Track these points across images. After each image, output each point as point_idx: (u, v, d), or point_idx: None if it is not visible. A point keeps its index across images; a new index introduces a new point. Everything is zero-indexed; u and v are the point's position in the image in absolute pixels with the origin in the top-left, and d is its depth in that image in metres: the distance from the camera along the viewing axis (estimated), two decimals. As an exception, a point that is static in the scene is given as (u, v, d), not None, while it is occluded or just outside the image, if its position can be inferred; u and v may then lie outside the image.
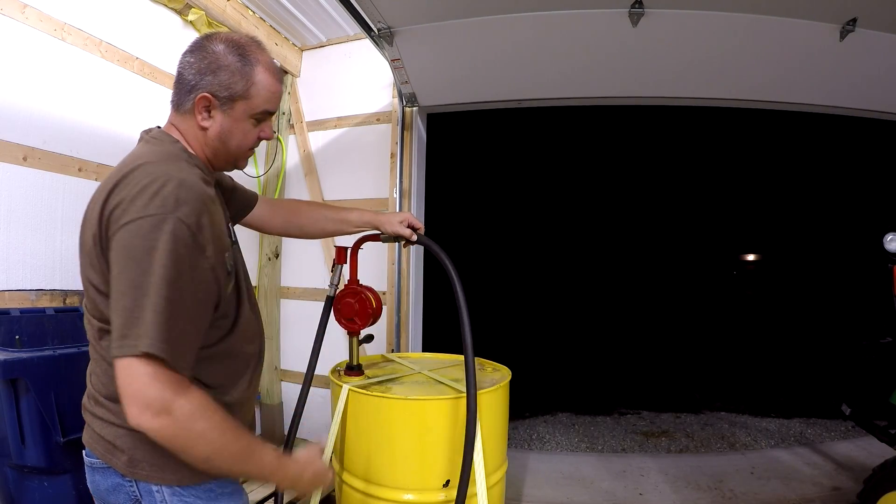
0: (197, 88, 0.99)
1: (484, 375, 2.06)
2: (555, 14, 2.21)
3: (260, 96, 1.03)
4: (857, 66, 2.44)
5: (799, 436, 3.86)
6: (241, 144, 1.07)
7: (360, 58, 3.37)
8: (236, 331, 1.04)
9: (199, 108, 1.00)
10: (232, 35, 1.04)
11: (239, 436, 0.91)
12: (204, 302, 0.91)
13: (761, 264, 11.06)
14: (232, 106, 1.01)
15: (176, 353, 0.83)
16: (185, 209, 0.86)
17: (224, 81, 0.99)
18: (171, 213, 0.84)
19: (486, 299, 8.81)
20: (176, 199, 0.86)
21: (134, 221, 0.84)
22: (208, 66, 0.99)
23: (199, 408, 0.85)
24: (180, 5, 2.68)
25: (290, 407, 3.46)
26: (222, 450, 0.88)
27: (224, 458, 0.89)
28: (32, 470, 1.59)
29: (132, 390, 0.81)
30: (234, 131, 1.04)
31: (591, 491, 2.89)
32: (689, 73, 2.64)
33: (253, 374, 1.12)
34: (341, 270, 1.95)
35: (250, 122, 1.05)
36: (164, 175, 0.88)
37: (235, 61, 1.00)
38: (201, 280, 0.89)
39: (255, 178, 3.47)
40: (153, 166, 0.91)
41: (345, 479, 1.80)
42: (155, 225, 0.83)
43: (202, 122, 1.01)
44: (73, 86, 2.23)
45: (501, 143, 8.95)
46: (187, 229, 0.85)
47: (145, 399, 0.81)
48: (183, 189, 0.87)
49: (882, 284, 2.21)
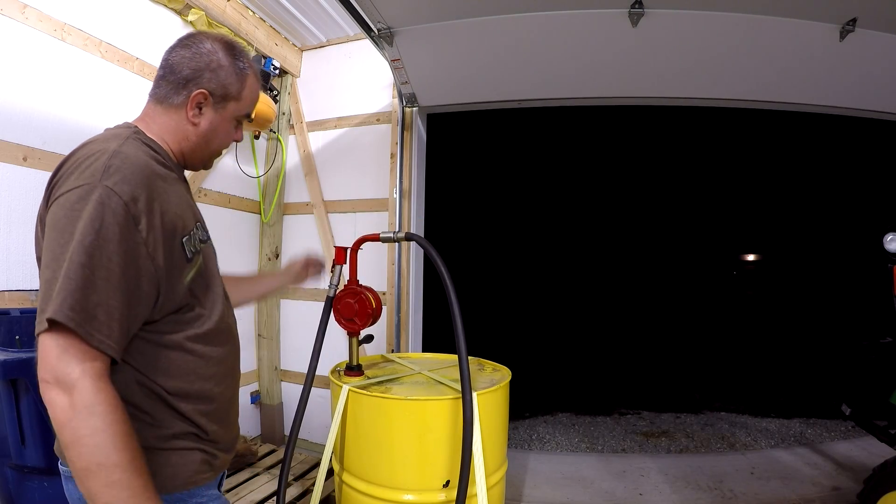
0: (194, 84, 0.99)
1: (484, 375, 2.06)
2: (555, 14, 2.21)
3: (248, 99, 1.07)
4: (857, 66, 2.44)
5: (799, 436, 3.86)
6: (221, 144, 1.08)
7: (360, 58, 3.38)
8: (207, 331, 0.98)
9: (194, 103, 1.00)
10: (220, 36, 1.06)
11: (136, 467, 0.77)
12: (135, 279, 0.83)
13: (761, 264, 11.05)
14: (224, 105, 1.03)
15: (90, 325, 0.76)
16: (115, 178, 0.81)
17: (222, 81, 1.01)
18: (99, 182, 0.80)
19: (487, 299, 8.81)
20: (105, 168, 0.82)
21: (63, 195, 0.81)
22: (207, 64, 0.99)
23: (103, 401, 0.76)
24: (180, 5, 2.68)
25: (291, 407, 3.47)
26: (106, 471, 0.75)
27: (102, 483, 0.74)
28: (32, 470, 1.59)
29: (44, 359, 0.76)
30: (219, 130, 1.05)
31: (591, 491, 2.89)
32: (689, 73, 2.64)
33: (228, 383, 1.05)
34: (341, 271, 1.95)
35: (233, 124, 1.08)
36: (101, 150, 0.86)
37: (233, 62, 1.02)
38: (133, 254, 0.82)
39: (255, 178, 3.47)
40: (94, 144, 0.89)
41: (345, 479, 1.80)
42: (81, 196, 0.79)
43: (193, 118, 1.01)
44: (73, 86, 2.23)
45: (501, 143, 8.95)
46: (117, 198, 0.80)
47: (54, 372, 0.75)
48: (116, 158, 0.84)
49: (882, 284, 2.21)
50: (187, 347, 0.95)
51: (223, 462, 1.05)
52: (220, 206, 3.17)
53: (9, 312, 1.86)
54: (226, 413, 1.05)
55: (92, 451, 0.75)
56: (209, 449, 0.99)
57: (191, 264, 0.95)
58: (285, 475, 1.88)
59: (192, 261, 0.96)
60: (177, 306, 0.93)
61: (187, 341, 0.95)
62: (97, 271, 0.77)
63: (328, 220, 3.41)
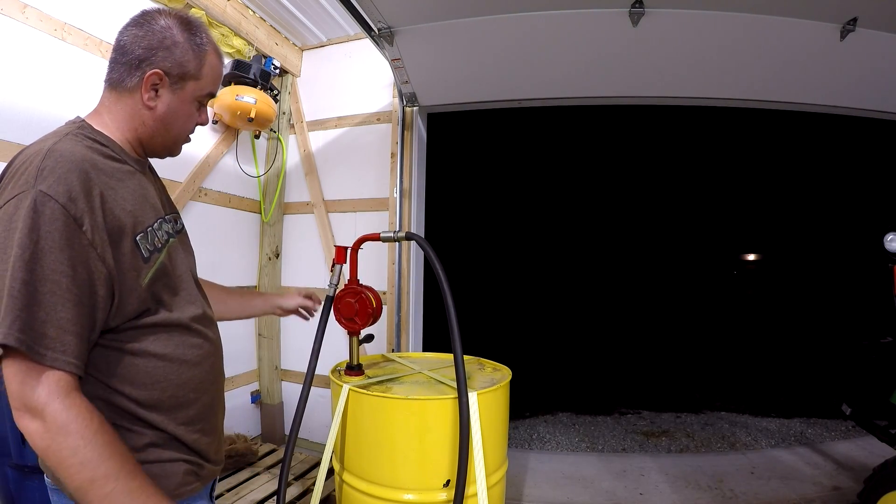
0: (147, 64, 0.92)
1: (484, 375, 2.06)
2: (555, 14, 2.21)
3: (208, 77, 0.98)
4: (858, 66, 2.44)
5: (799, 435, 3.86)
6: (183, 128, 1.00)
7: (360, 57, 3.38)
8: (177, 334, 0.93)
9: (148, 85, 0.92)
10: (176, 11, 0.98)
11: (127, 471, 0.76)
12: (88, 283, 0.77)
13: (762, 264, 11.06)
14: (182, 86, 0.95)
15: (40, 345, 0.72)
16: (49, 180, 0.75)
17: (178, 59, 0.93)
18: (32, 188, 0.74)
19: (487, 299, 8.81)
20: (38, 172, 0.76)
21: (1, 208, 0.76)
22: (161, 41, 0.92)
23: (76, 418, 0.73)
24: (180, 5, 2.68)
25: (291, 407, 3.47)
26: (98, 484, 0.73)
27: (99, 497, 0.73)
28: (33, 470, 1.59)
29: (10, 388, 0.73)
30: (179, 113, 0.97)
31: (592, 491, 2.89)
32: (689, 73, 2.64)
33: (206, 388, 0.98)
34: (341, 270, 1.95)
35: (194, 106, 0.99)
36: (35, 152, 0.80)
37: (189, 39, 0.94)
38: (81, 258, 0.76)
39: (256, 177, 3.47)
40: (31, 147, 0.82)
41: (345, 479, 1.80)
42: (15, 205, 0.74)
43: (148, 101, 0.93)
44: (73, 86, 2.23)
45: (501, 143, 8.95)
46: (52, 201, 0.74)
47: (21, 399, 0.72)
48: (50, 159, 0.77)
49: (882, 284, 2.21)
50: (155, 353, 0.89)
51: (211, 472, 1.00)
52: (221, 206, 3.17)
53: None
54: (207, 420, 0.99)
55: (79, 470, 0.72)
56: (193, 459, 0.94)
57: (148, 264, 0.88)
58: (285, 474, 1.88)
59: (150, 260, 0.89)
60: (136, 311, 0.87)
61: (154, 346, 0.89)
62: (41, 285, 0.72)
63: (328, 220, 3.41)
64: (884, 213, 4.49)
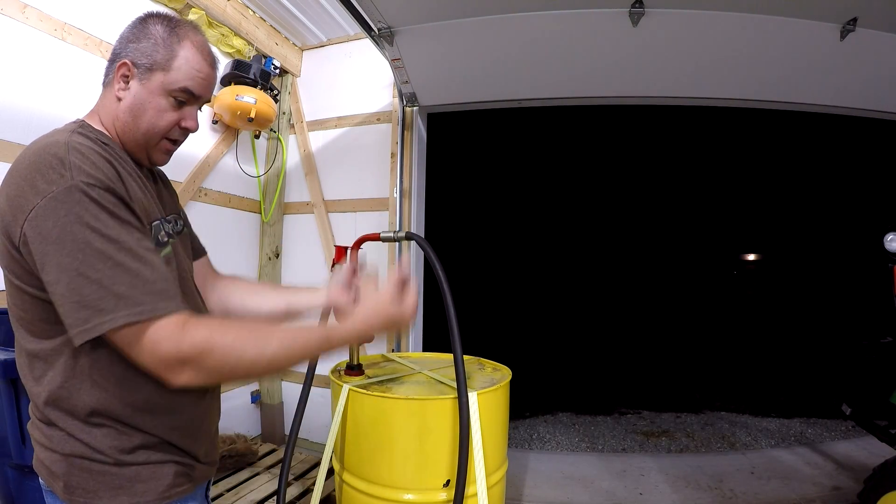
0: (119, 56, 0.94)
1: (484, 375, 2.06)
2: (555, 14, 2.21)
3: (181, 70, 0.94)
4: (858, 66, 2.44)
5: (799, 435, 3.86)
6: (153, 123, 0.95)
7: (360, 57, 3.38)
8: None
9: (118, 76, 0.93)
10: (171, 16, 0.99)
11: (265, 327, 0.86)
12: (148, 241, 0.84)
13: (762, 264, 11.06)
14: (149, 77, 0.93)
15: (157, 301, 0.77)
16: (83, 170, 0.79)
17: (145, 50, 0.93)
18: (73, 180, 0.77)
19: (487, 299, 8.81)
20: (70, 166, 0.78)
21: (38, 204, 0.76)
22: (135, 35, 0.94)
23: (209, 322, 0.81)
24: (180, 5, 2.68)
25: (291, 407, 3.46)
26: (269, 340, 0.82)
27: (281, 346, 0.82)
28: (33, 470, 1.59)
29: (149, 361, 0.78)
30: (146, 106, 0.93)
31: (592, 491, 2.89)
32: (689, 73, 2.64)
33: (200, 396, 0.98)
34: (341, 270, 1.94)
35: (167, 101, 0.95)
36: (51, 147, 0.81)
37: (161, 32, 0.94)
38: (136, 229, 0.82)
39: (256, 177, 3.47)
40: (36, 145, 0.83)
41: (345, 479, 1.80)
42: (62, 200, 0.76)
43: (118, 92, 0.94)
44: (73, 86, 2.23)
45: (501, 143, 8.95)
46: (95, 188, 0.78)
47: (164, 361, 0.77)
48: (74, 154, 0.80)
49: (882, 284, 2.21)
50: None
51: (203, 472, 0.99)
52: (221, 206, 3.17)
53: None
54: (201, 422, 0.99)
55: (254, 343, 0.81)
56: (184, 460, 0.93)
57: (160, 248, 0.93)
58: (285, 474, 1.89)
59: (164, 245, 0.94)
60: None
61: None
62: (125, 260, 0.77)
63: (328, 220, 3.41)
64: (884, 213, 4.49)
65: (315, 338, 0.87)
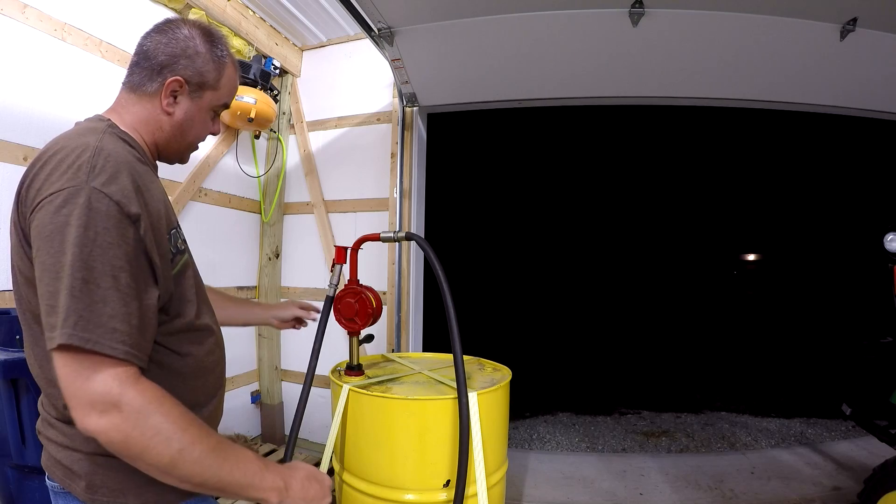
0: (169, 70, 0.95)
1: (484, 375, 2.06)
2: (555, 14, 2.21)
3: (226, 88, 1.03)
4: (858, 66, 2.44)
5: (799, 436, 3.86)
6: (197, 135, 1.04)
7: (360, 58, 3.38)
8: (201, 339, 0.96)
9: (168, 91, 0.95)
10: (199, 22, 1.02)
11: (206, 433, 0.79)
12: (143, 279, 0.80)
13: (762, 264, 11.06)
14: (201, 95, 0.99)
15: (113, 338, 0.73)
16: (102, 178, 0.77)
17: (199, 68, 0.96)
18: (85, 184, 0.76)
19: (487, 299, 8.81)
20: (91, 168, 0.77)
21: (46, 199, 0.76)
22: (183, 50, 0.95)
23: (152, 399, 0.75)
24: (180, 5, 2.68)
25: (291, 407, 3.47)
26: (187, 451, 0.75)
27: (191, 463, 0.76)
28: (33, 470, 1.59)
29: (72, 389, 0.72)
30: (195, 121, 1.01)
31: (592, 491, 2.89)
32: (689, 73, 2.64)
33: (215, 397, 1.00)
34: (341, 270, 1.95)
35: (210, 114, 1.04)
36: (80, 146, 0.81)
37: (210, 50, 0.98)
38: (134, 254, 0.79)
39: (256, 177, 3.47)
40: (69, 139, 0.83)
41: (345, 479, 1.80)
42: (66, 199, 0.75)
43: (167, 107, 0.96)
44: (73, 86, 2.23)
45: (501, 143, 8.95)
46: (106, 199, 0.76)
47: (88, 397, 0.72)
48: (100, 157, 0.79)
49: (882, 284, 2.21)
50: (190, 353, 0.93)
51: None
52: (221, 206, 3.18)
53: (9, 312, 1.86)
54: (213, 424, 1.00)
55: (167, 445, 0.74)
56: None
57: (174, 262, 0.92)
58: (285, 475, 1.88)
59: (174, 260, 0.92)
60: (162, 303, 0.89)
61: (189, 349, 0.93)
62: (102, 281, 0.74)
63: (328, 220, 3.41)
64: (884, 213, 4.49)
65: (248, 469, 0.81)
